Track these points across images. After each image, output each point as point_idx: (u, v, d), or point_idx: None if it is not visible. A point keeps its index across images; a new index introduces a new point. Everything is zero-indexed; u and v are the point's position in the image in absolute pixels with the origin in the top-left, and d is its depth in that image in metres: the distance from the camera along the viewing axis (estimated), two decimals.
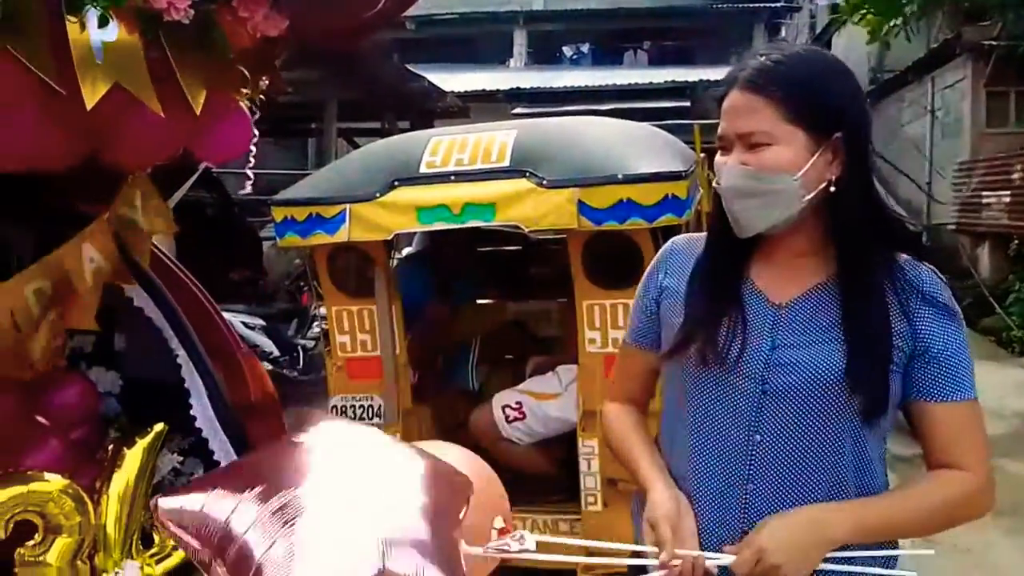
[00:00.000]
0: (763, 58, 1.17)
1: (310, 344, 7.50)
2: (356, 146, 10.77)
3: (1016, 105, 9.74)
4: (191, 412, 1.75)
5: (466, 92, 12.62)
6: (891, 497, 1.20)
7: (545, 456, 3.28)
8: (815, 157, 1.14)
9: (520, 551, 1.11)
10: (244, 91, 1.40)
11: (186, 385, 1.74)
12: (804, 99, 1.14)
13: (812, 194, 1.15)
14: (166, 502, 1.09)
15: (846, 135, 1.15)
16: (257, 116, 1.66)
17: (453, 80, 12.78)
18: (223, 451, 1.74)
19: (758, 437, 1.20)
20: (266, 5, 1.36)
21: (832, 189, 1.16)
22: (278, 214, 2.90)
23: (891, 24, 7.12)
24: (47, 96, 1.09)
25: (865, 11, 7.36)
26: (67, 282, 1.44)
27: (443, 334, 3.85)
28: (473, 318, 4.15)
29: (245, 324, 7.03)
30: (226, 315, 6.84)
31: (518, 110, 13.03)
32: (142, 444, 1.66)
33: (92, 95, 1.10)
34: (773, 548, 1.11)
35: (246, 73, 1.36)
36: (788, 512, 1.16)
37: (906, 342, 1.17)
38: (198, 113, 1.20)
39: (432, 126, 11.10)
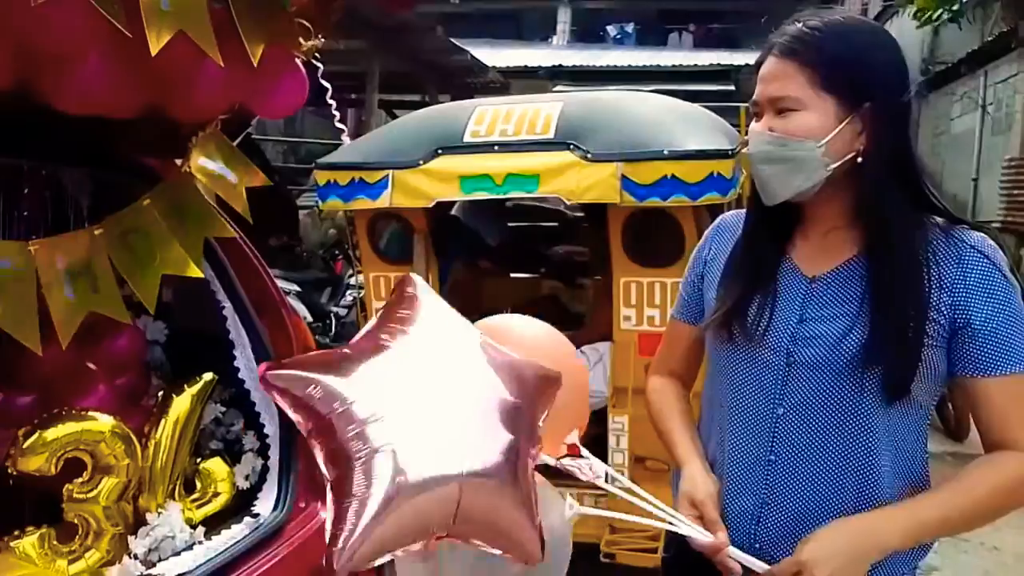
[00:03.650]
0: (801, 24, 1.18)
1: (343, 312, 7.59)
2: (396, 118, 10.80)
3: None
4: (235, 364, 1.78)
5: (508, 68, 12.55)
6: (943, 492, 1.16)
7: None
8: (842, 125, 1.13)
9: (591, 480, 1.20)
10: (301, 46, 1.41)
11: (231, 337, 1.77)
12: (836, 67, 1.14)
13: (837, 163, 1.15)
14: (277, 375, 1.31)
15: (877, 106, 1.13)
16: (321, 71, 1.65)
17: (495, 55, 12.72)
18: (264, 404, 1.77)
19: (781, 410, 1.20)
20: None
21: (859, 160, 1.14)
22: (321, 177, 2.94)
23: (947, 8, 6.92)
24: (113, 40, 1.10)
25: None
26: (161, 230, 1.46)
27: (471, 301, 3.86)
28: (508, 291, 4.16)
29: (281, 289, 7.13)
30: None
31: (559, 88, 12.92)
32: (191, 392, 1.69)
33: (157, 41, 1.11)
34: (816, 560, 1.09)
35: (307, 26, 1.37)
36: (836, 523, 1.14)
37: (943, 315, 1.14)
38: (256, 65, 1.21)
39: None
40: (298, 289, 7.37)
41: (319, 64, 1.53)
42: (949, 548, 3.74)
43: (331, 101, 1.53)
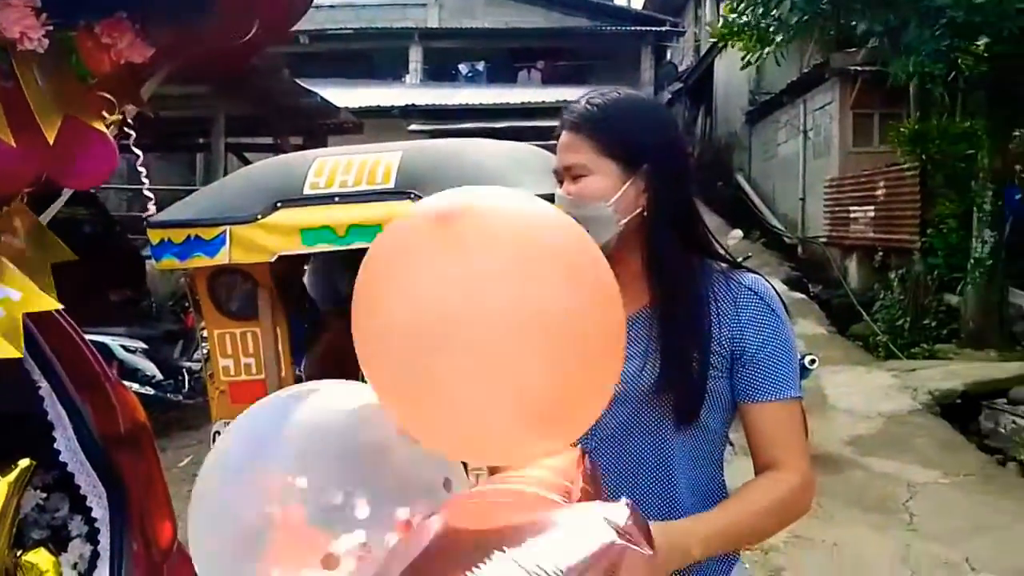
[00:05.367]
0: (584, 102, 1.31)
1: (196, 367, 7.24)
2: (247, 161, 10.50)
3: (880, 126, 10.49)
4: (55, 446, 1.68)
5: (361, 108, 12.51)
6: (726, 509, 1.26)
7: None
8: (626, 186, 1.26)
9: None
10: (107, 116, 1.38)
11: (49, 418, 1.67)
12: (614, 136, 1.27)
13: (626, 219, 1.27)
14: None
15: (653, 166, 1.26)
16: (132, 138, 1.63)
17: (348, 95, 12.66)
18: (90, 485, 1.68)
19: (593, 444, 1.29)
20: (131, 32, 1.34)
21: (645, 215, 1.27)
22: (154, 236, 2.83)
23: (765, 51, 7.58)
24: None
25: (737, 39, 7.81)
26: None
27: (342, 350, 3.81)
28: None
29: (125, 347, 6.74)
30: (105, 339, 6.46)
31: (413, 127, 13.02)
32: (6, 480, 1.58)
33: None
34: None
35: (109, 98, 1.34)
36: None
37: (725, 348, 1.27)
38: (52, 142, 1.18)
39: (326, 142, 10.96)
40: (144, 346, 6.97)
41: (129, 131, 1.49)
42: (792, 548, 4.01)
43: (139, 162, 1.48)
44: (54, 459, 1.68)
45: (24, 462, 1.61)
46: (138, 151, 1.45)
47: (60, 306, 1.65)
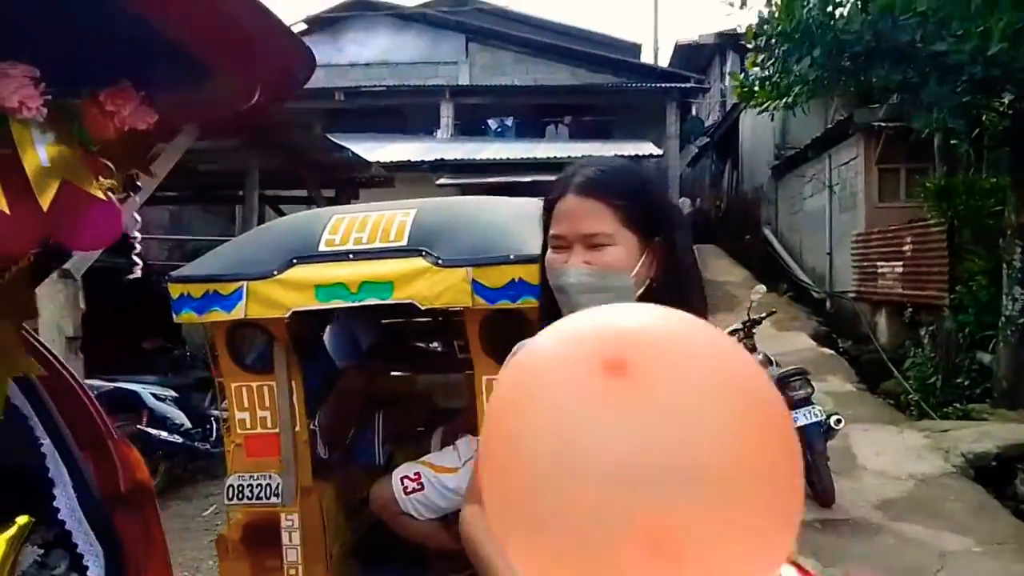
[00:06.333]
0: (595, 167, 1.30)
1: (225, 415, 7.30)
2: (281, 213, 10.71)
3: (906, 181, 10.41)
4: (55, 503, 1.69)
5: (393, 162, 12.76)
6: None
7: (447, 532, 3.26)
8: (643, 257, 1.26)
9: None
10: (101, 185, 1.40)
11: (50, 475, 1.69)
12: (636, 206, 1.26)
13: (640, 291, 1.26)
14: None
15: (664, 239, 1.26)
16: (136, 204, 1.66)
17: (381, 150, 12.92)
18: (88, 545, 1.68)
19: None
20: (135, 99, 1.39)
21: (654, 286, 1.27)
22: (174, 291, 2.88)
23: (781, 103, 7.62)
24: None
25: (756, 96, 7.87)
26: None
27: (358, 405, 3.82)
28: (379, 390, 4.13)
29: (155, 395, 6.85)
30: (136, 387, 6.59)
31: (442, 181, 13.21)
32: (4, 537, 1.59)
33: None
34: None
35: (107, 164, 1.37)
36: None
37: None
38: (46, 209, 1.21)
39: (358, 195, 11.18)
40: (175, 394, 7.08)
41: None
42: None
43: (137, 227, 1.51)
44: (54, 517, 1.69)
45: (22, 519, 1.61)
46: (137, 216, 1.48)
47: (60, 367, 1.67)
